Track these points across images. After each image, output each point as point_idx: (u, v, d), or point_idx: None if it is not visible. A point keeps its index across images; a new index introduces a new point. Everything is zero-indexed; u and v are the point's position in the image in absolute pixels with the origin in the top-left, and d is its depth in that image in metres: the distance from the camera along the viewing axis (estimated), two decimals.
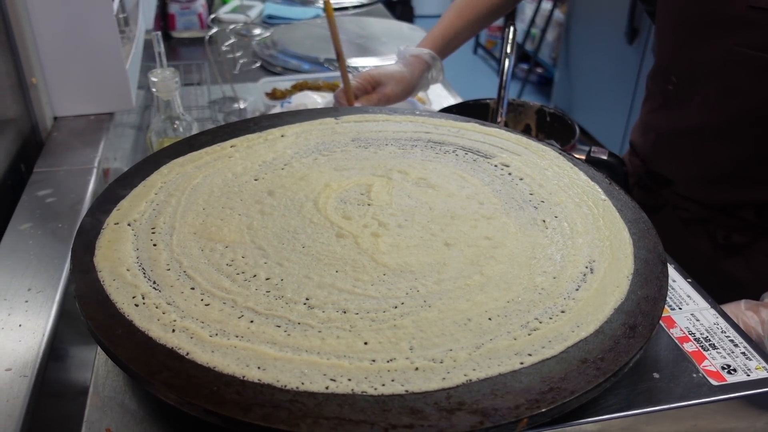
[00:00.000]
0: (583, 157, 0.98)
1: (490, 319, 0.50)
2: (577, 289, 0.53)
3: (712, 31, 0.82)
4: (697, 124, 0.90)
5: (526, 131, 1.16)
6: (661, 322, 0.59)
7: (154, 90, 0.90)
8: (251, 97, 1.43)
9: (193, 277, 0.53)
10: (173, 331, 0.48)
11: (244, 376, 0.44)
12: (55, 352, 0.60)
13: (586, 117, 3.49)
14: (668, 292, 0.62)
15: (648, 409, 0.50)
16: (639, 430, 0.51)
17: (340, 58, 1.04)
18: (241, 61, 1.62)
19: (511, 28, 1.07)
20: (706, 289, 0.63)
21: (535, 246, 0.58)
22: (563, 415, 0.46)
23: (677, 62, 0.91)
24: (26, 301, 0.62)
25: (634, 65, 2.97)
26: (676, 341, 0.57)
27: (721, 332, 0.58)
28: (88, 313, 0.49)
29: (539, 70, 4.26)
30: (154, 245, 0.57)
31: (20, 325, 0.59)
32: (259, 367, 0.45)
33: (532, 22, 4.11)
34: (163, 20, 1.85)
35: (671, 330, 0.58)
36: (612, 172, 0.99)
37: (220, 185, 0.66)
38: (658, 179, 1.00)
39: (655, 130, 0.99)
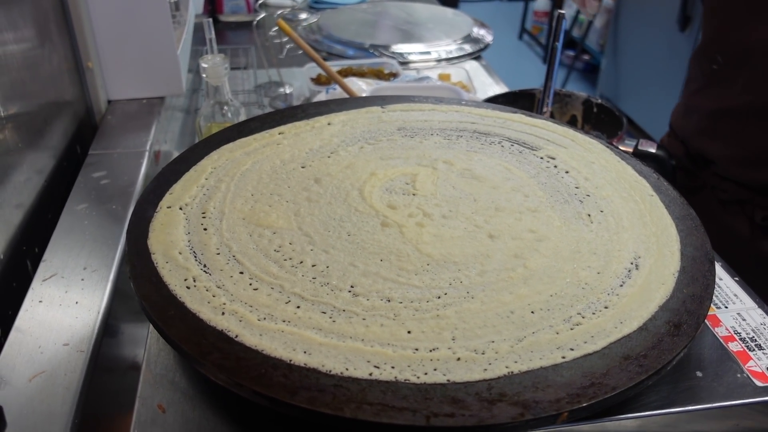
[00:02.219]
0: (631, 150, 0.97)
1: (532, 312, 0.50)
2: (621, 285, 0.53)
3: (763, 10, 0.82)
4: (741, 104, 0.90)
5: (572, 122, 1.14)
6: (705, 320, 0.58)
7: (204, 75, 0.92)
8: (297, 82, 1.44)
9: (242, 261, 0.55)
10: (223, 314, 0.49)
11: (290, 360, 0.46)
12: (107, 329, 0.63)
13: (633, 106, 3.41)
14: (716, 291, 0.61)
15: (690, 408, 0.50)
16: (680, 429, 0.51)
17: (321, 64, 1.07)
18: (287, 47, 1.64)
19: (561, 17, 1.05)
20: (743, 269, 0.62)
21: (580, 240, 0.58)
22: (603, 410, 0.47)
23: (724, 42, 0.91)
24: (82, 280, 0.64)
25: (686, 53, 2.88)
26: (721, 340, 0.56)
27: None
28: (143, 294, 0.51)
29: (586, 57, 4.18)
30: (205, 229, 0.59)
31: (77, 303, 0.62)
32: (305, 352, 0.46)
33: None
34: (211, 4, 1.87)
35: (716, 329, 0.57)
36: (660, 165, 0.97)
37: (268, 172, 0.67)
38: (698, 160, 1.01)
39: (698, 111, 1.00)
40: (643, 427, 0.50)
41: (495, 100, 1.10)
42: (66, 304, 0.61)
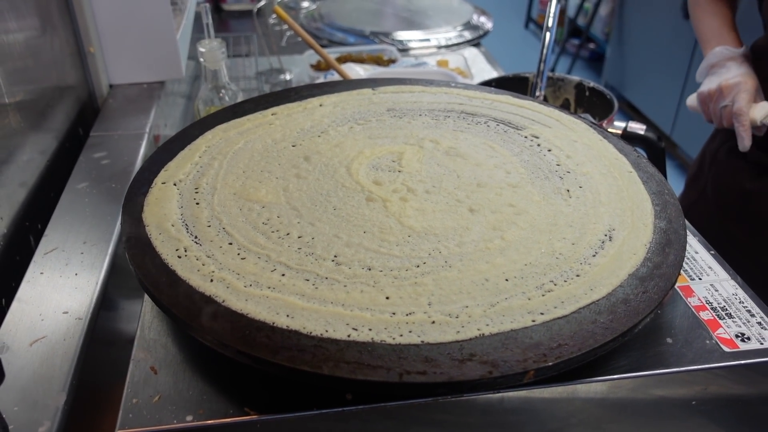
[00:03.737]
0: (620, 132, 0.99)
1: (506, 280, 0.53)
2: (594, 255, 0.55)
3: None
4: None
5: (565, 106, 1.16)
6: (679, 290, 0.60)
7: (202, 60, 0.94)
8: (297, 69, 1.47)
9: (232, 233, 0.57)
10: (211, 281, 0.52)
11: (273, 323, 0.48)
12: (107, 303, 0.66)
13: (638, 94, 3.42)
14: (690, 263, 0.63)
15: (658, 371, 0.52)
16: (648, 392, 0.54)
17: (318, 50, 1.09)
18: (288, 34, 1.66)
19: (554, 1, 1.07)
20: None
21: (558, 214, 0.61)
22: (573, 372, 0.49)
23: None
24: (82, 253, 0.67)
25: (690, 41, 2.88)
26: (693, 309, 0.58)
27: (739, 302, 0.59)
28: (137, 263, 0.54)
29: (591, 45, 4.17)
30: (197, 204, 0.61)
31: (76, 274, 0.64)
32: (287, 315, 0.49)
33: None
34: None
35: (689, 299, 0.59)
36: (649, 146, 0.99)
37: (260, 150, 0.70)
38: None
39: None
40: (613, 390, 0.53)
41: (489, 85, 1.12)
42: (66, 276, 0.64)
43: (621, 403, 0.54)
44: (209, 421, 0.48)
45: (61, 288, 0.63)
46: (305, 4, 1.87)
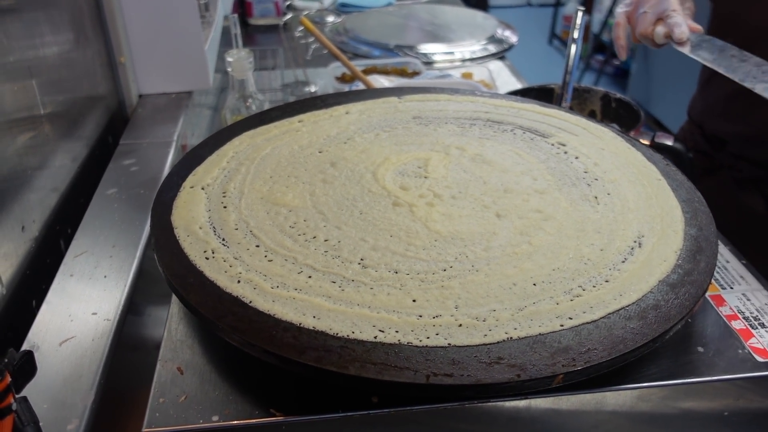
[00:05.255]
0: (648, 142, 0.98)
1: (534, 284, 0.52)
2: (623, 261, 0.55)
3: None
4: None
5: (591, 117, 1.15)
6: (710, 299, 0.59)
7: (229, 70, 0.96)
8: (322, 81, 1.48)
9: (259, 236, 0.58)
10: (239, 282, 0.52)
11: (300, 324, 0.48)
12: (134, 308, 0.66)
13: (664, 110, 3.39)
14: (722, 273, 0.62)
15: (689, 380, 0.51)
16: (678, 402, 0.53)
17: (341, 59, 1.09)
18: (313, 47, 1.67)
19: (579, 14, 1.07)
20: (760, 246, 0.64)
21: (585, 220, 0.60)
22: (603, 379, 0.48)
23: (732, 25, 0.95)
24: (110, 256, 0.68)
25: None
26: (725, 318, 0.57)
27: None
28: (165, 264, 0.55)
29: (616, 61, 4.15)
30: (224, 207, 0.62)
31: (105, 276, 0.65)
32: (314, 317, 0.49)
33: (610, 12, 4.00)
34: (241, 8, 1.92)
35: (720, 308, 0.58)
36: (677, 158, 0.98)
37: (286, 156, 0.70)
38: (713, 142, 1.05)
39: (713, 95, 1.05)
40: (642, 399, 0.52)
41: (514, 95, 1.12)
42: (95, 278, 0.65)
43: (650, 414, 0.53)
44: (235, 422, 0.48)
45: (90, 290, 0.63)
46: (330, 18, 1.89)
